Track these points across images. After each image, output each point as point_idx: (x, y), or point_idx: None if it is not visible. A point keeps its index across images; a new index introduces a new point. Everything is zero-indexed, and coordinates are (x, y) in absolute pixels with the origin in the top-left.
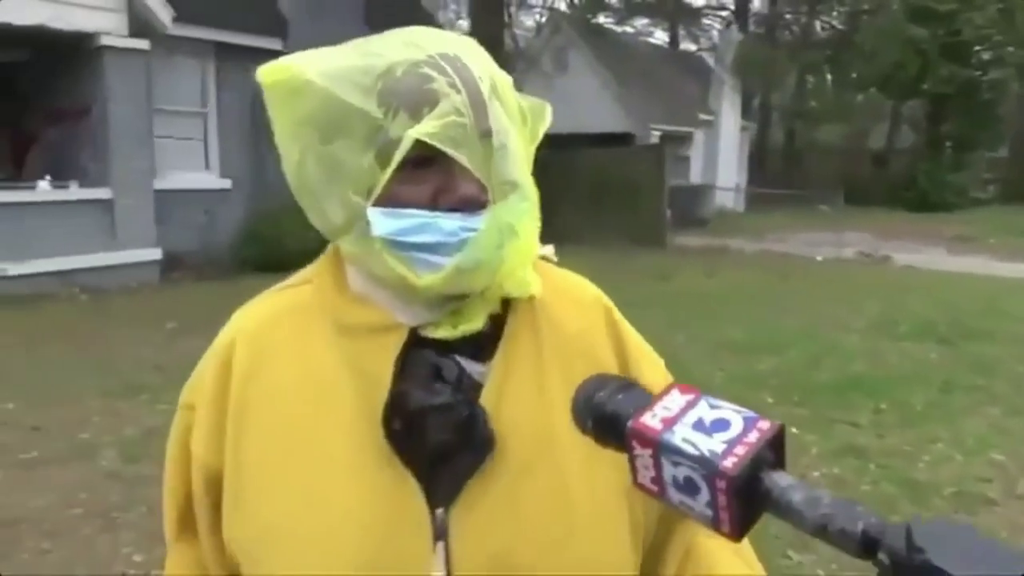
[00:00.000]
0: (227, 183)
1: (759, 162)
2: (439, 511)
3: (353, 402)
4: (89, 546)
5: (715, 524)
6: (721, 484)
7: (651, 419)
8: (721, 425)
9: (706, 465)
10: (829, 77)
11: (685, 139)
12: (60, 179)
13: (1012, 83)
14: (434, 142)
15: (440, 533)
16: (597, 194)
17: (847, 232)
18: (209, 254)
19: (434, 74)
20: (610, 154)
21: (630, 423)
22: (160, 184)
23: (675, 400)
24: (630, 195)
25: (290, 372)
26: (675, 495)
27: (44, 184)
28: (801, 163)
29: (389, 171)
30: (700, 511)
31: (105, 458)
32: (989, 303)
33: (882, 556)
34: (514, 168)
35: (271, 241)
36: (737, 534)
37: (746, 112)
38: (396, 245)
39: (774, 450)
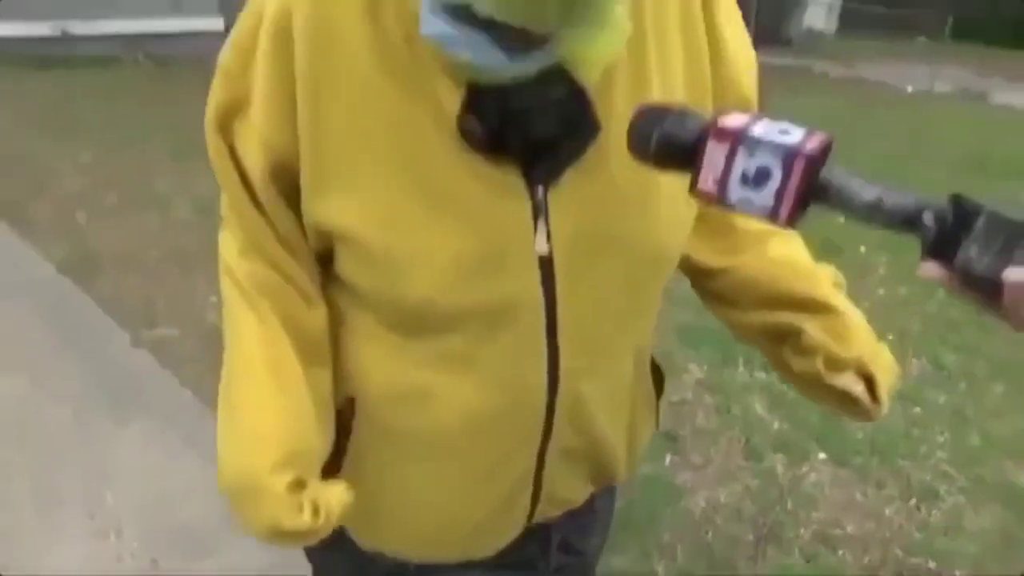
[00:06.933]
0: None
1: None
2: (539, 189)
3: (437, 86)
4: (167, 284)
5: (773, 213)
6: (799, 164)
7: (731, 119)
8: (787, 129)
9: (785, 149)
10: None
11: None
12: None
13: None
14: (491, 12)
15: (540, 210)
16: None
17: (944, 66)
18: None
19: None
20: None
21: (713, 123)
22: None
23: (742, 115)
24: None
25: (364, 48)
26: (736, 191)
27: None
28: None
29: (444, 1)
30: (761, 202)
31: (179, 208)
32: None
33: (927, 216)
34: (601, 5)
35: None
36: (790, 222)
37: None
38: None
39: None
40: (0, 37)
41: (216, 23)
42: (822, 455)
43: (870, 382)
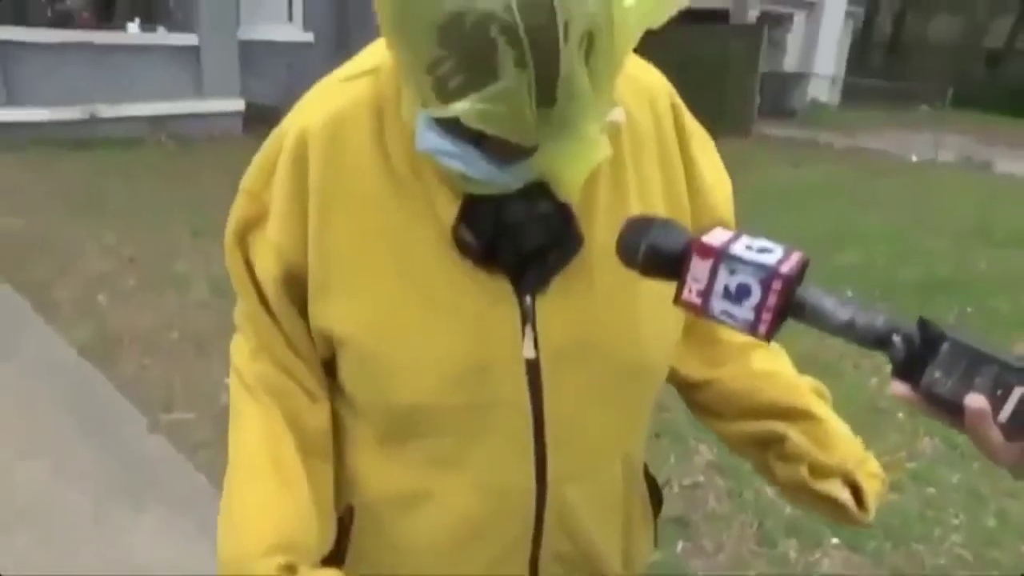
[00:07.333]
0: (310, 36)
1: (861, 54)
2: (527, 298)
3: (435, 200)
4: (184, 366)
5: (753, 327)
6: (777, 285)
7: (713, 237)
8: (767, 248)
9: (765, 269)
10: None
11: (784, 21)
12: (148, 22)
13: None
14: (479, 125)
15: (528, 317)
16: (683, 74)
17: (947, 135)
18: (290, 108)
19: (502, 41)
20: (702, 32)
21: (697, 239)
22: (243, 34)
23: (724, 232)
24: (718, 78)
25: (370, 169)
26: (719, 304)
27: (133, 27)
28: (906, 58)
29: (438, 115)
30: (742, 316)
31: (197, 289)
32: None
33: (896, 339)
34: (577, 116)
35: None
36: (769, 335)
37: None
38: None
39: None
40: (34, 121)
41: (237, 104)
42: (835, 540)
43: (856, 489)
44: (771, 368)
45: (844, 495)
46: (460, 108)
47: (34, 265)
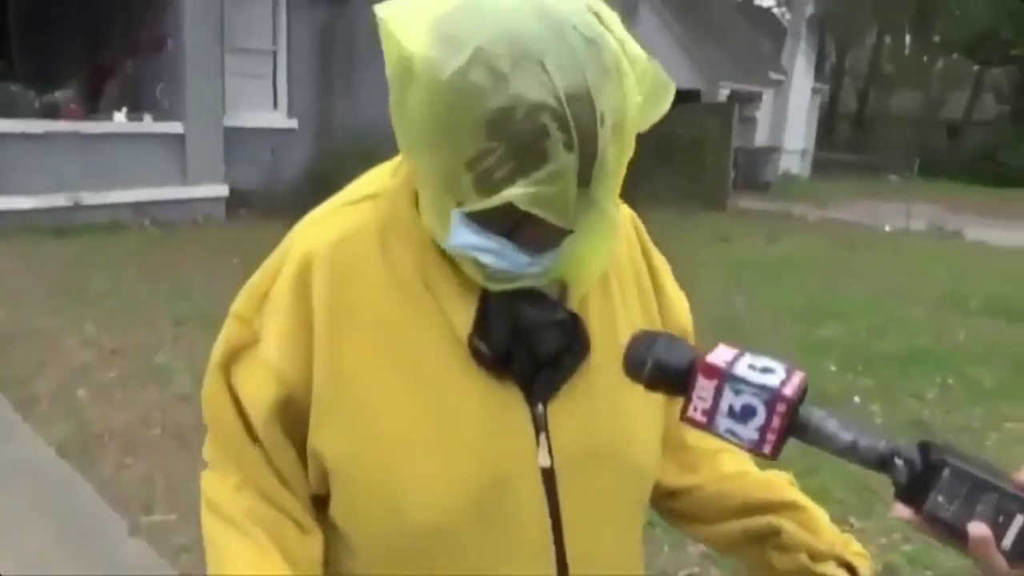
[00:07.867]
0: (294, 123)
1: (828, 128)
2: (539, 407)
3: (449, 311)
4: (165, 463)
5: (758, 446)
6: (781, 407)
7: (717, 357)
8: (769, 367)
9: (768, 391)
10: (908, 39)
11: (754, 98)
12: (135, 111)
13: None
14: (529, 207)
15: (540, 426)
16: (660, 152)
17: (916, 204)
18: (273, 193)
19: (553, 127)
20: (676, 111)
21: (702, 358)
22: (229, 121)
23: (727, 350)
24: (694, 154)
25: (380, 287)
26: (724, 423)
27: (120, 116)
28: (871, 131)
29: (480, 207)
30: (747, 436)
31: (179, 382)
32: None
33: (898, 461)
34: (604, 194)
35: (335, 183)
36: (775, 455)
37: (818, 74)
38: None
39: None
40: (20, 209)
41: (221, 190)
42: None
43: (849, 568)
44: (743, 469)
45: (842, 575)
46: (511, 193)
47: (14, 357)
